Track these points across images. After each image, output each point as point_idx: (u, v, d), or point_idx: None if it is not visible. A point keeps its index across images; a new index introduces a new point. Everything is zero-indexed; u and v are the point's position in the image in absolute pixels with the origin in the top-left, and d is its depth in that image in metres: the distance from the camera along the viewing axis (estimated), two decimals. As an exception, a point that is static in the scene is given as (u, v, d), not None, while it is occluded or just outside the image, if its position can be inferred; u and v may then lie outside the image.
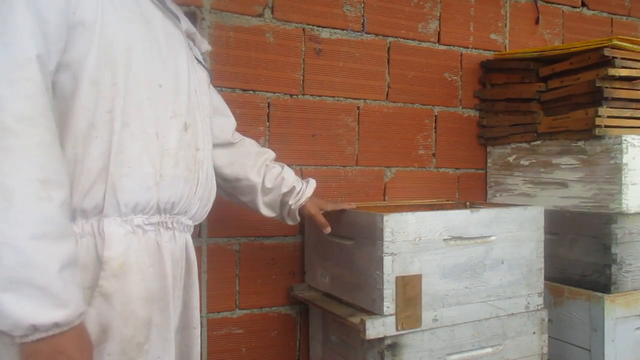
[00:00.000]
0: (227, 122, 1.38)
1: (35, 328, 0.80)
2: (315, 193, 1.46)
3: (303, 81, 1.78)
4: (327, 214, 1.47)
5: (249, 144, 1.43)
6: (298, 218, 1.45)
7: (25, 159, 0.81)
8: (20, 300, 0.79)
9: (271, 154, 1.44)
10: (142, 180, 0.98)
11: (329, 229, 1.46)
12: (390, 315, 1.33)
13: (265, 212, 1.42)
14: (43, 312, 0.80)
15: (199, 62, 1.21)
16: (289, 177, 1.41)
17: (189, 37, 1.20)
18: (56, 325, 0.82)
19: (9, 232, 0.79)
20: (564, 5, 2.27)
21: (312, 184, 1.46)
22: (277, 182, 1.39)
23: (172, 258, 1.04)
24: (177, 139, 1.04)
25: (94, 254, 0.93)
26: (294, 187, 1.41)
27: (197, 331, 1.14)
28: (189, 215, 1.10)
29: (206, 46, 1.30)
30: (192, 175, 1.07)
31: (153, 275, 0.99)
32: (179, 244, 1.08)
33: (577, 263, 1.74)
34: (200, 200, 1.12)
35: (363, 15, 1.86)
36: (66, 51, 0.90)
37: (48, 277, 0.81)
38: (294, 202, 1.41)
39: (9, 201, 0.79)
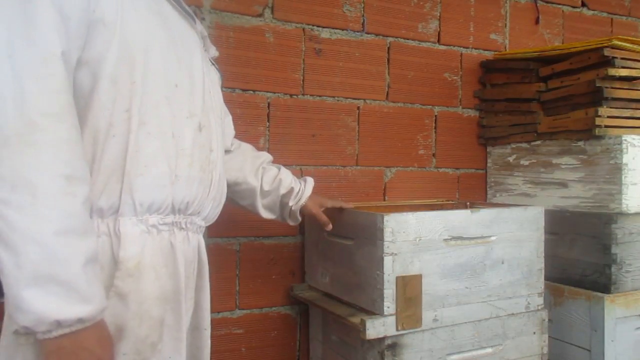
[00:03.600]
0: (227, 128, 1.38)
1: (59, 323, 0.80)
2: (314, 190, 1.46)
3: (303, 81, 1.78)
4: (327, 211, 1.47)
5: (246, 148, 1.43)
6: (299, 218, 1.45)
7: (51, 154, 0.82)
8: (45, 295, 0.79)
9: (267, 157, 1.44)
10: (158, 180, 0.98)
11: (330, 226, 1.46)
12: (391, 315, 1.33)
13: (265, 214, 1.42)
14: (67, 308, 0.81)
15: (212, 64, 1.21)
16: (286, 178, 1.41)
17: (202, 39, 1.20)
18: (80, 320, 0.82)
19: (34, 227, 0.79)
20: (564, 5, 2.27)
21: (310, 182, 1.45)
22: (275, 184, 1.39)
23: (185, 259, 1.04)
24: (192, 139, 1.03)
25: (109, 254, 0.94)
26: (292, 188, 1.41)
27: (208, 332, 1.14)
28: (202, 216, 1.10)
29: (214, 52, 1.30)
30: (206, 176, 1.07)
31: (166, 275, 0.99)
32: (192, 245, 1.07)
33: (577, 263, 1.74)
34: (213, 201, 1.12)
35: (363, 15, 1.86)
36: (85, 49, 0.90)
37: (72, 273, 0.81)
38: (294, 203, 1.41)
39: (34, 196, 0.80)
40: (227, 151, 1.36)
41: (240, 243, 1.70)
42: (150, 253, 0.97)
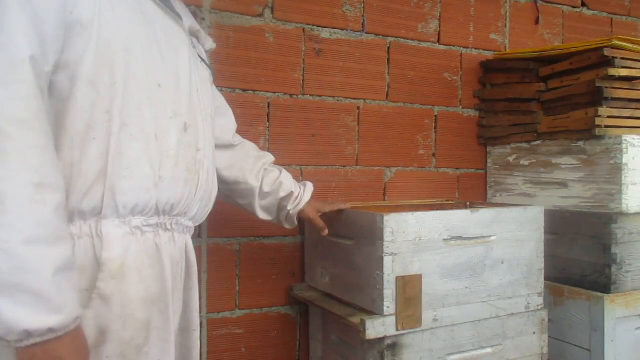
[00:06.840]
0: (228, 123, 1.37)
1: (29, 333, 0.79)
2: (313, 195, 1.46)
3: (303, 81, 1.78)
4: (325, 215, 1.47)
5: (249, 147, 1.42)
6: (295, 222, 1.46)
7: (19, 162, 0.80)
8: (14, 305, 0.78)
9: (270, 158, 1.44)
10: (141, 182, 0.96)
11: (326, 232, 1.46)
12: (391, 315, 1.33)
13: (262, 215, 1.42)
14: (37, 318, 0.79)
15: (202, 60, 1.20)
16: (286, 181, 1.41)
17: (193, 34, 1.18)
18: (50, 330, 0.81)
19: (3, 236, 0.78)
20: (564, 5, 2.27)
21: (310, 187, 1.46)
22: (275, 186, 1.39)
23: (172, 260, 1.03)
24: (177, 140, 1.02)
25: (92, 256, 0.92)
26: (292, 192, 1.41)
27: (197, 333, 1.13)
28: (189, 216, 1.09)
29: (210, 44, 1.29)
30: (193, 176, 1.06)
31: (152, 277, 0.98)
32: (178, 246, 1.07)
33: (577, 263, 1.74)
34: (201, 202, 1.11)
35: (363, 15, 1.86)
36: (64, 51, 0.89)
37: (42, 282, 0.80)
38: (292, 207, 1.41)
39: (2, 205, 0.78)
40: (230, 145, 1.37)
41: (240, 243, 1.70)
42: (134, 255, 0.96)
